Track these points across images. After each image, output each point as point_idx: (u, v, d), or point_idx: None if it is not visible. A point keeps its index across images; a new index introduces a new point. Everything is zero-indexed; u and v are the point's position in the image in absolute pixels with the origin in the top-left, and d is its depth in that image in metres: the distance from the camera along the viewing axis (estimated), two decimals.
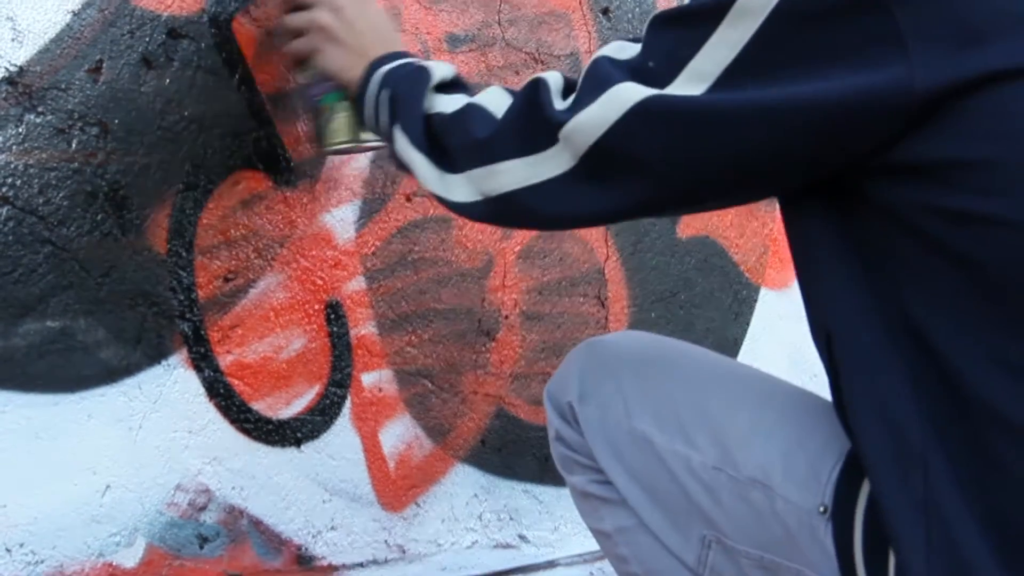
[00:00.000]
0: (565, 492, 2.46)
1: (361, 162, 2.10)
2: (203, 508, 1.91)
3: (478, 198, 1.55)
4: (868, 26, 1.19)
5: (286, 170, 1.99)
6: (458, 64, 2.23)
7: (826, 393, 1.43)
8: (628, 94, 1.35)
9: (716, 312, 2.72)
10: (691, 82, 1.31)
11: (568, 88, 1.48)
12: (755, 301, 2.82)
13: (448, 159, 1.59)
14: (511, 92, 1.58)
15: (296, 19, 1.84)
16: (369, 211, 2.11)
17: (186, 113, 1.86)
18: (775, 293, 2.85)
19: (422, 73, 1.66)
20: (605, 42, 2.44)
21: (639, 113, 1.34)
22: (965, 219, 1.20)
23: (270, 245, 1.97)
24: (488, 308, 2.31)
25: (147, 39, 1.82)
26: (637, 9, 2.56)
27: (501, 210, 1.55)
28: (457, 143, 1.58)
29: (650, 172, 1.37)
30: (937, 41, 1.17)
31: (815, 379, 1.75)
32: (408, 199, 2.16)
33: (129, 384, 1.82)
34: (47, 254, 1.72)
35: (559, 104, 1.45)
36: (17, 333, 1.70)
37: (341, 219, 2.07)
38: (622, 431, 1.66)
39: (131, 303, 1.81)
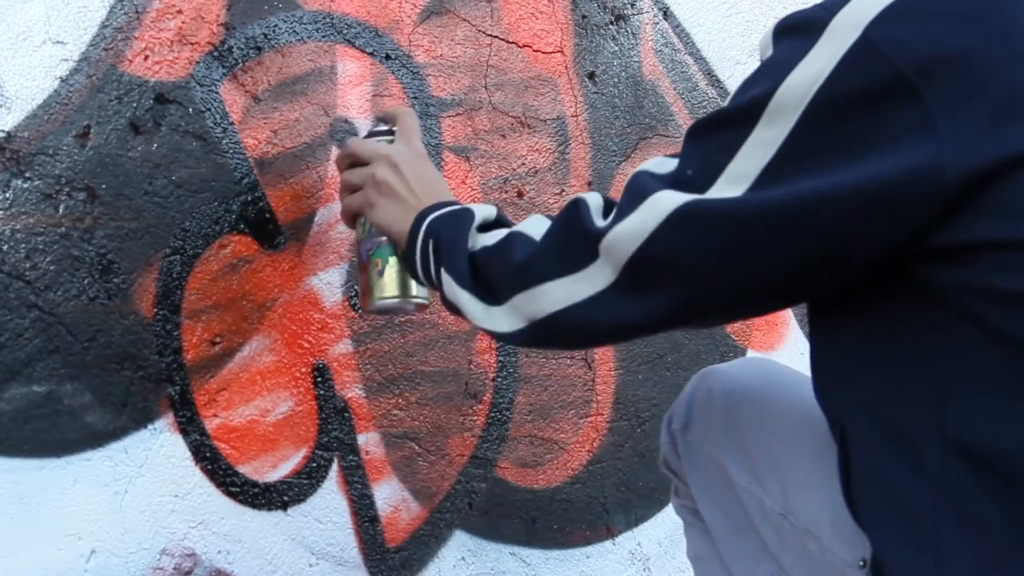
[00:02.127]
0: (552, 554, 2.47)
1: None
2: (189, 572, 1.90)
3: (523, 324, 1.53)
4: (900, 112, 1.20)
5: (273, 234, 2.00)
6: (444, 127, 2.25)
7: None
8: (667, 201, 1.34)
9: None
10: (730, 185, 1.30)
11: (608, 207, 1.48)
12: None
13: (492, 292, 1.58)
14: (551, 216, 1.57)
15: (354, 175, 1.85)
16: (356, 274, 2.11)
17: (173, 178, 1.87)
18: (761, 355, 2.85)
19: (464, 214, 1.66)
20: (591, 107, 2.47)
21: (679, 219, 1.33)
22: (1009, 299, 1.21)
23: (257, 308, 1.98)
24: (475, 370, 2.31)
25: (135, 104, 1.83)
26: (623, 73, 2.58)
27: (546, 332, 1.52)
28: (499, 273, 1.57)
29: (693, 278, 1.35)
30: (967, 123, 1.18)
31: None
32: None
33: (115, 448, 1.82)
34: (33, 319, 1.72)
35: (599, 221, 1.44)
36: (3, 398, 1.69)
37: (328, 282, 2.08)
38: (713, 465, 1.72)
39: (117, 367, 1.81)
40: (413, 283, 1.84)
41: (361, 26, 2.13)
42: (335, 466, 2.09)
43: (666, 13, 2.68)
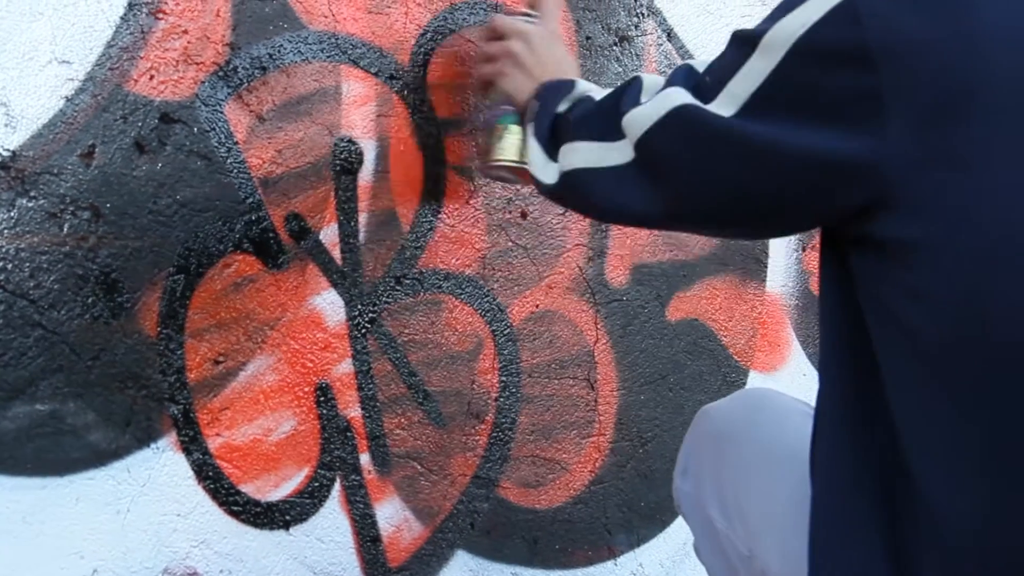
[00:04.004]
0: (554, 575, 2.46)
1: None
2: None
3: (557, 176, 1.67)
4: (856, 83, 1.25)
5: (277, 253, 2.00)
6: (448, 148, 2.25)
7: None
8: (674, 98, 1.45)
9: (705, 395, 2.72)
10: (726, 102, 1.38)
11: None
12: (744, 384, 2.83)
13: (554, 148, 1.70)
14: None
15: (492, 46, 2.05)
16: (359, 294, 2.12)
17: (178, 197, 1.87)
18: (764, 376, 2.85)
19: (567, 84, 1.80)
20: None
21: (675, 116, 1.44)
22: (914, 295, 1.23)
23: (260, 328, 1.98)
24: (477, 390, 2.31)
25: (140, 124, 1.84)
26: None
27: (566, 185, 1.65)
28: (560, 130, 1.71)
29: (676, 176, 1.47)
30: (909, 115, 1.22)
31: None
32: (398, 282, 2.17)
33: (118, 467, 1.82)
34: (37, 337, 1.73)
35: (639, 100, 1.55)
36: (6, 416, 1.70)
37: (331, 302, 2.08)
38: (701, 511, 1.76)
39: (121, 386, 1.81)
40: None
41: (366, 46, 2.14)
42: (337, 486, 2.09)
43: (669, 35, 2.69)
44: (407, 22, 2.20)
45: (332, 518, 2.08)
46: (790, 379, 2.88)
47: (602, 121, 1.60)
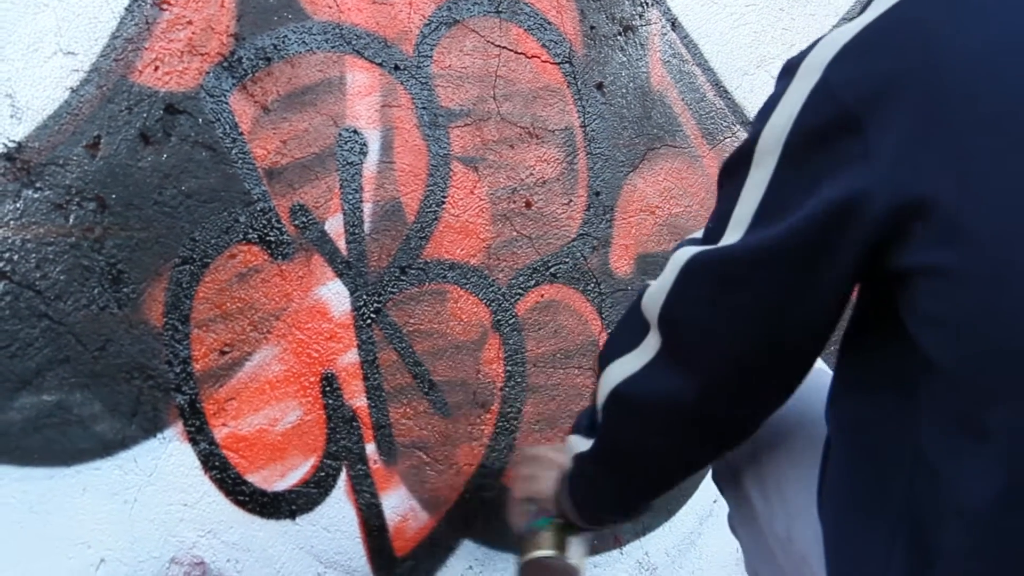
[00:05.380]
0: None
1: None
2: None
3: (600, 419, 1.60)
4: (845, 144, 1.24)
5: (282, 244, 2.00)
6: (453, 138, 2.25)
7: None
8: (682, 257, 1.41)
9: None
10: (733, 231, 1.36)
11: None
12: None
13: (593, 430, 1.65)
14: None
15: (524, 467, 2.01)
16: (364, 284, 2.12)
17: (183, 188, 1.88)
18: None
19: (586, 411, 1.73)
20: (599, 117, 2.47)
21: (686, 273, 1.40)
22: (932, 324, 1.23)
23: (266, 318, 1.98)
24: (483, 380, 2.31)
25: (145, 115, 1.84)
26: (631, 84, 2.58)
27: (609, 418, 1.58)
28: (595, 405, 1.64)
29: (703, 340, 1.40)
30: (893, 153, 1.22)
31: None
32: (403, 272, 2.18)
33: (124, 457, 1.82)
34: (44, 328, 1.73)
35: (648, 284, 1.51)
36: (13, 407, 1.70)
37: (336, 292, 2.08)
38: (740, 489, 1.74)
39: (127, 376, 1.82)
40: (571, 546, 1.96)
41: (370, 36, 2.14)
42: (343, 475, 2.09)
43: (674, 24, 2.69)
44: (411, 12, 2.21)
45: (338, 507, 2.09)
46: None
47: (624, 330, 1.56)
